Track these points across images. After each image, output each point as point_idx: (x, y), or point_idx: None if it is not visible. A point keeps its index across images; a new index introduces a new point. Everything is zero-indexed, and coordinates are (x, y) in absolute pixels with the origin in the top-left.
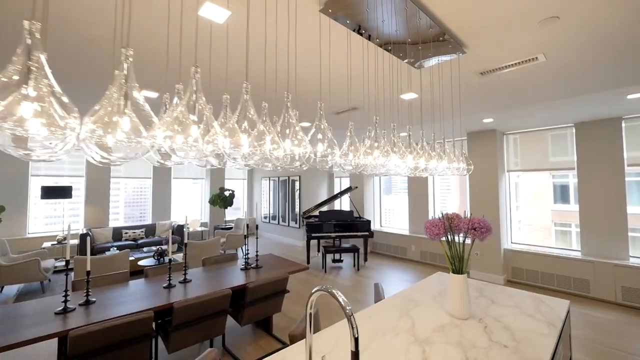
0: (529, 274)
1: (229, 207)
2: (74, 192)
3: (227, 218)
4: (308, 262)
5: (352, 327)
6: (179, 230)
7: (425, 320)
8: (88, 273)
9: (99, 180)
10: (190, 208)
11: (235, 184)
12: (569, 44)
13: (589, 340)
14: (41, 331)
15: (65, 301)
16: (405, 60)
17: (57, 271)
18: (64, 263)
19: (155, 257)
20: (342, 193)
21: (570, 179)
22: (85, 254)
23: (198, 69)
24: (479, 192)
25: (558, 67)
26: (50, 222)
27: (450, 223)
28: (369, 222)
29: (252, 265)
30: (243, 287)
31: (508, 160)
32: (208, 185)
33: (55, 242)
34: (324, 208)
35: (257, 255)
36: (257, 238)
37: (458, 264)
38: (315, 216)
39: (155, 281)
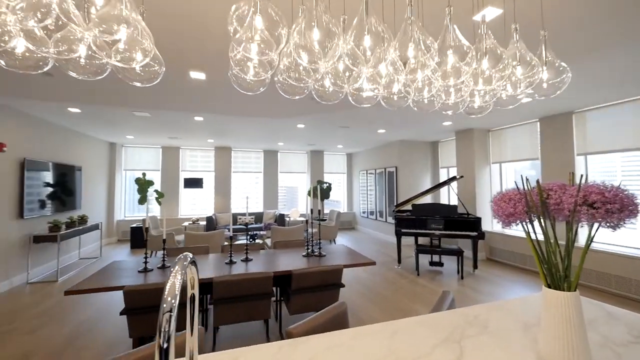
0: None
1: (325, 200)
2: (208, 184)
3: (326, 211)
4: (399, 261)
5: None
6: (280, 218)
7: (484, 358)
8: (164, 241)
9: (223, 174)
10: (294, 200)
11: (336, 178)
12: None
13: None
14: (112, 282)
15: (145, 262)
16: None
17: None
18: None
19: (248, 239)
20: (442, 184)
21: None
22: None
23: None
24: None
25: None
26: (195, 206)
27: (543, 197)
28: (478, 220)
29: (314, 254)
30: (289, 272)
31: None
32: (309, 179)
33: (191, 222)
34: (424, 201)
35: (320, 243)
36: (309, 222)
37: (561, 273)
38: (409, 210)
39: (225, 257)
